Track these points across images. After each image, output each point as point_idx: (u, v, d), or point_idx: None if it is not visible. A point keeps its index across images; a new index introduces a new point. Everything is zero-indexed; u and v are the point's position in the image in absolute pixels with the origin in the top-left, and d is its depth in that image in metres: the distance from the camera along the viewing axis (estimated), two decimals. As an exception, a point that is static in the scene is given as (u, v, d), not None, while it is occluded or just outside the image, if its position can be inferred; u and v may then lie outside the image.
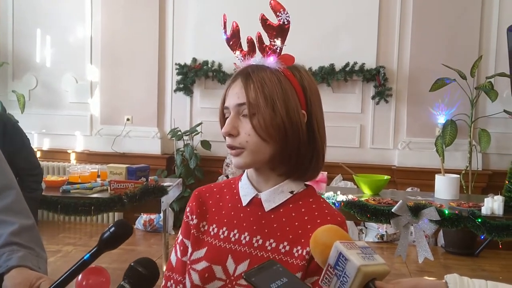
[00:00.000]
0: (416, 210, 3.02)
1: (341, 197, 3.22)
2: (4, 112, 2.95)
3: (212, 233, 1.16)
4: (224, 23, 1.17)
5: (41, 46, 5.65)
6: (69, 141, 5.64)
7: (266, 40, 1.13)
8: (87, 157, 5.46)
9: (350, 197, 3.22)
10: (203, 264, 1.13)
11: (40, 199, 3.03)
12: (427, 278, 0.95)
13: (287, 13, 1.11)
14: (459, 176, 3.73)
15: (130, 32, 5.36)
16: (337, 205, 3.15)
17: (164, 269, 1.23)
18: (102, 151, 5.42)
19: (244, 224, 1.13)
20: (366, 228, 5.10)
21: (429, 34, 4.95)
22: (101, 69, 5.48)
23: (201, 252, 1.15)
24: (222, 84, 5.19)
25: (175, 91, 5.37)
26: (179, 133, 5.17)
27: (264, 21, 1.12)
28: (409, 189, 4.67)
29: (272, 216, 1.12)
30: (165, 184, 3.58)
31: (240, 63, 1.14)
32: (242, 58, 1.15)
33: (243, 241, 1.12)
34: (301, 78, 1.11)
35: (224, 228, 1.15)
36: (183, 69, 5.30)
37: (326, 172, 3.53)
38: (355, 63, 5.03)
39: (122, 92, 5.43)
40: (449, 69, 4.52)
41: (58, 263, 4.23)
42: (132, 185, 3.36)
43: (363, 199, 3.24)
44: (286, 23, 1.11)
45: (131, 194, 3.28)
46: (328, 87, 5.06)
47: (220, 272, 1.11)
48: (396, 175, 4.94)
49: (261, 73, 1.08)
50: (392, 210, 3.02)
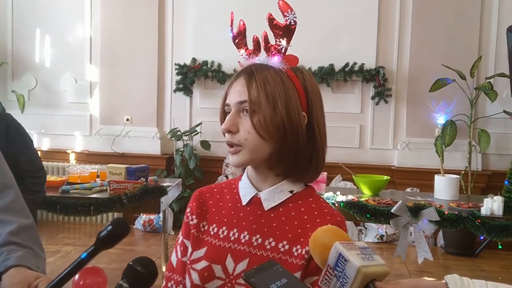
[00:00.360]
0: (416, 211, 3.02)
1: (341, 198, 3.22)
2: (8, 113, 2.92)
3: (212, 233, 1.16)
4: (232, 21, 1.18)
5: (41, 46, 5.65)
6: (69, 141, 5.64)
7: (272, 40, 1.14)
8: (87, 157, 5.46)
9: (350, 198, 3.22)
10: (203, 264, 1.13)
11: (40, 202, 2.97)
12: (427, 279, 0.95)
13: (295, 14, 1.11)
14: (459, 177, 3.72)
15: (130, 32, 5.35)
16: (337, 206, 3.14)
17: (164, 270, 1.23)
18: (102, 151, 5.42)
19: (244, 223, 1.13)
20: (366, 229, 5.09)
21: (429, 34, 4.95)
22: (101, 69, 5.48)
23: (201, 252, 1.15)
24: (222, 84, 5.19)
25: (175, 91, 5.37)
26: (179, 133, 5.17)
27: (271, 21, 1.12)
28: (409, 190, 4.67)
29: (272, 215, 1.12)
30: (165, 184, 3.57)
31: (244, 62, 1.15)
32: (247, 57, 1.15)
33: (243, 240, 1.12)
34: (304, 80, 1.11)
35: (224, 228, 1.15)
36: (183, 69, 5.30)
37: (326, 173, 3.53)
38: (355, 63, 5.03)
39: (122, 92, 5.42)
40: (449, 70, 4.52)
41: (58, 263, 4.23)
42: (132, 185, 3.35)
43: (363, 200, 3.23)
44: (293, 24, 1.11)
45: (131, 194, 3.27)
46: (328, 87, 5.06)
47: (220, 271, 1.11)
48: (396, 176, 4.94)
49: (264, 72, 1.08)
50: (392, 211, 3.01)
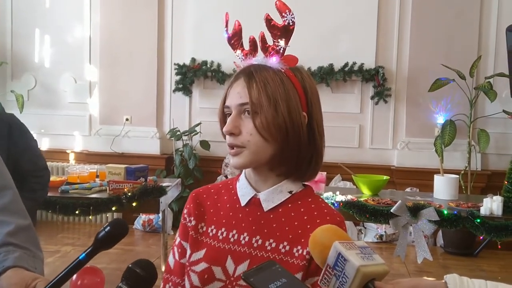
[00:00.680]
0: (415, 211, 3.02)
1: (340, 197, 3.21)
2: (11, 114, 2.90)
3: (211, 234, 1.15)
4: (226, 22, 1.17)
5: (40, 46, 5.65)
6: (68, 141, 5.63)
7: (269, 40, 1.13)
8: (86, 157, 5.45)
9: (349, 198, 3.22)
10: (203, 266, 1.12)
11: (42, 201, 2.94)
12: (427, 278, 0.95)
13: (293, 14, 1.11)
14: (458, 177, 3.72)
15: (129, 32, 5.35)
16: (336, 206, 3.14)
17: (163, 270, 1.23)
18: (101, 151, 5.42)
19: (243, 225, 1.13)
20: (365, 228, 5.09)
21: (428, 34, 4.95)
22: (100, 69, 5.48)
23: (200, 254, 1.14)
24: (221, 84, 5.19)
25: (174, 91, 5.37)
26: (178, 133, 5.16)
27: (269, 21, 1.12)
28: (408, 189, 4.67)
29: (271, 216, 1.12)
30: (164, 184, 3.57)
31: (241, 63, 1.14)
32: (243, 57, 1.14)
33: (243, 242, 1.12)
34: (303, 80, 1.11)
35: (223, 229, 1.14)
36: (182, 69, 5.30)
37: (325, 172, 3.53)
38: (354, 63, 5.03)
39: (121, 92, 5.42)
40: (448, 69, 4.52)
41: (57, 263, 4.22)
42: (131, 185, 3.35)
43: (362, 200, 3.23)
44: (291, 24, 1.11)
45: (130, 195, 3.27)
46: (327, 87, 5.06)
47: (220, 273, 1.10)
48: (395, 175, 4.94)
49: (264, 73, 1.08)
50: (391, 211, 3.01)
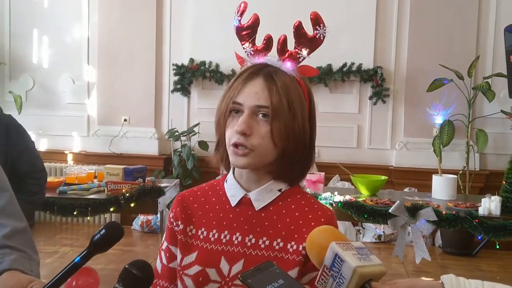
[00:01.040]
0: (414, 211, 3.02)
1: (339, 198, 3.21)
2: (9, 115, 2.88)
3: (202, 237, 1.15)
4: (242, 11, 1.15)
5: (38, 47, 5.64)
6: (66, 142, 5.63)
7: (289, 45, 1.14)
8: (84, 158, 5.45)
9: (348, 198, 3.22)
10: (196, 269, 1.12)
11: (40, 203, 2.94)
12: (424, 279, 0.95)
13: (325, 28, 1.13)
14: (457, 177, 3.72)
15: (127, 33, 5.35)
16: (334, 206, 3.14)
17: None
18: (99, 152, 5.41)
19: (235, 225, 1.13)
20: (364, 229, 5.09)
21: (427, 35, 4.96)
22: (98, 70, 5.47)
23: (192, 257, 1.14)
24: (220, 85, 5.18)
25: (173, 92, 5.37)
26: (177, 134, 5.16)
27: (299, 28, 1.13)
28: (407, 190, 4.67)
29: (263, 215, 1.12)
30: (162, 185, 3.57)
31: (248, 57, 1.13)
32: (252, 53, 1.13)
33: (236, 242, 1.12)
34: (309, 90, 1.13)
35: (214, 231, 1.14)
36: (181, 70, 5.29)
37: (324, 173, 3.52)
38: (353, 64, 5.03)
39: (119, 93, 5.41)
40: (447, 70, 4.52)
41: (55, 264, 4.22)
42: (129, 186, 3.35)
43: (361, 200, 3.23)
44: (322, 38, 1.13)
45: (128, 195, 3.26)
46: (326, 88, 5.06)
47: (215, 275, 1.10)
48: (394, 176, 4.94)
49: (283, 78, 1.08)
50: (390, 211, 3.01)
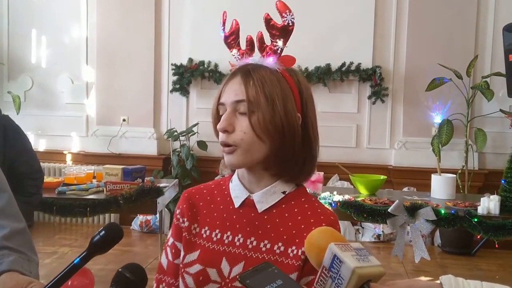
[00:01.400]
0: (413, 210, 3.02)
1: (338, 197, 3.21)
2: (6, 115, 2.88)
3: (205, 236, 1.15)
4: (224, 21, 1.17)
5: (37, 47, 5.63)
6: (65, 142, 5.62)
7: (267, 40, 1.13)
8: (83, 158, 5.45)
9: (347, 197, 3.22)
10: (197, 267, 1.12)
11: (37, 203, 2.95)
12: (423, 280, 0.95)
13: (293, 15, 1.11)
14: (455, 176, 3.73)
15: (126, 33, 5.34)
16: (334, 205, 3.14)
17: (156, 272, 1.22)
18: (98, 152, 5.41)
19: (238, 226, 1.12)
20: (363, 228, 5.10)
21: (425, 34, 4.96)
22: (97, 70, 5.47)
23: (194, 255, 1.14)
24: (218, 84, 5.12)
25: (171, 92, 5.37)
26: (176, 134, 5.16)
27: (268, 21, 1.12)
28: (406, 189, 4.68)
29: (266, 217, 1.11)
30: (161, 185, 3.56)
31: (237, 62, 1.14)
32: (239, 57, 1.14)
33: (237, 243, 1.11)
34: (298, 81, 1.12)
35: (217, 231, 1.14)
36: (179, 70, 5.29)
37: (323, 172, 3.52)
38: (351, 63, 5.03)
39: (118, 93, 5.41)
40: (445, 69, 4.52)
41: (54, 265, 4.22)
42: (128, 186, 3.35)
43: (360, 199, 3.23)
44: (291, 25, 1.11)
45: (127, 195, 3.26)
46: (325, 87, 5.06)
47: (215, 275, 1.10)
48: (393, 175, 4.94)
49: (261, 72, 1.08)
50: (389, 210, 3.02)
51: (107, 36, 5.38)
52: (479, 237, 3.43)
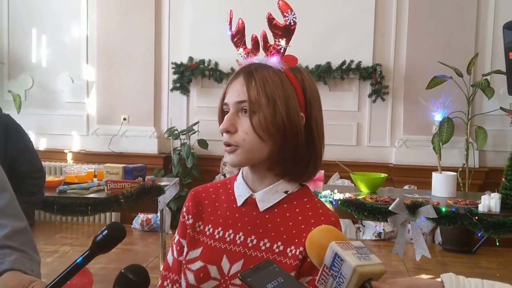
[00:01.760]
0: (413, 208, 3.02)
1: (338, 196, 3.22)
2: (7, 114, 2.87)
3: (208, 233, 1.16)
4: (230, 20, 1.17)
5: (37, 46, 5.63)
6: (66, 141, 5.63)
7: (271, 39, 1.13)
8: (84, 157, 5.45)
9: (347, 196, 3.22)
10: (199, 264, 1.13)
11: (39, 203, 2.93)
12: (424, 278, 0.95)
13: (294, 14, 1.11)
14: (456, 174, 3.73)
15: (126, 31, 5.34)
16: (334, 204, 3.14)
17: (161, 269, 1.23)
18: (99, 151, 5.41)
19: (239, 224, 1.13)
20: (364, 226, 5.10)
21: (425, 32, 4.96)
22: (97, 69, 5.47)
23: (197, 252, 1.15)
24: (219, 83, 5.18)
25: (172, 90, 5.37)
26: (176, 132, 5.16)
27: (271, 21, 1.12)
28: (406, 187, 4.68)
29: (267, 216, 1.12)
30: (162, 184, 3.57)
31: (243, 61, 1.15)
32: (245, 56, 1.15)
33: (238, 241, 1.12)
34: (302, 80, 1.11)
35: (220, 228, 1.15)
36: (180, 68, 5.29)
37: (323, 171, 3.53)
38: (352, 61, 5.03)
39: (119, 92, 5.41)
40: (446, 67, 4.52)
41: (55, 264, 4.22)
42: (129, 185, 3.35)
43: (360, 197, 3.23)
44: (293, 24, 1.11)
45: (128, 194, 3.26)
46: (325, 85, 5.06)
47: (215, 272, 1.11)
48: (393, 173, 4.94)
49: (264, 72, 1.08)
50: (389, 208, 3.02)
51: (108, 35, 5.38)
52: (480, 235, 3.43)
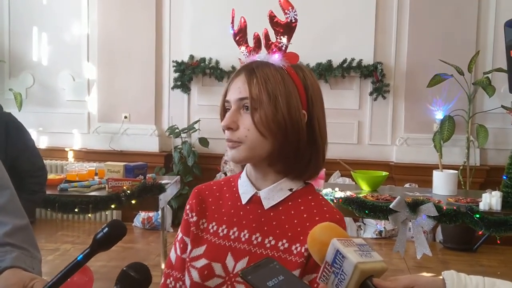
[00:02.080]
0: (414, 206, 3.02)
1: (339, 194, 3.22)
2: (9, 112, 2.86)
3: (212, 231, 1.16)
4: (232, 18, 1.18)
5: (38, 44, 5.64)
6: (67, 139, 5.63)
7: (272, 37, 1.14)
8: (85, 155, 5.45)
9: (348, 194, 3.22)
10: (203, 262, 1.13)
11: (41, 201, 2.91)
12: (425, 275, 0.95)
13: (295, 12, 1.11)
14: (457, 172, 3.73)
15: (127, 30, 5.34)
16: (335, 202, 3.14)
17: (163, 267, 1.23)
18: (100, 149, 5.41)
19: (244, 222, 1.13)
20: (365, 224, 5.10)
21: (426, 30, 4.95)
22: (98, 67, 5.47)
23: (201, 250, 1.15)
24: (220, 81, 5.18)
25: (173, 89, 5.36)
26: (177, 131, 5.16)
27: (272, 18, 1.13)
28: (407, 185, 4.67)
29: (272, 214, 1.12)
30: (163, 182, 3.57)
31: (245, 59, 1.15)
32: (247, 54, 1.15)
33: (243, 239, 1.12)
34: (304, 77, 1.11)
35: (224, 226, 1.15)
36: (180, 66, 5.29)
37: (324, 169, 3.52)
38: (353, 59, 5.02)
39: (120, 90, 5.41)
40: (447, 65, 4.51)
41: (57, 261, 4.23)
42: (130, 183, 3.35)
43: (361, 196, 3.23)
44: (294, 21, 1.12)
45: (129, 192, 3.26)
46: (326, 84, 5.05)
47: (220, 269, 1.11)
48: (394, 171, 4.94)
49: (265, 70, 1.08)
50: (390, 206, 3.02)
51: (108, 33, 5.38)
52: (481, 233, 3.43)
